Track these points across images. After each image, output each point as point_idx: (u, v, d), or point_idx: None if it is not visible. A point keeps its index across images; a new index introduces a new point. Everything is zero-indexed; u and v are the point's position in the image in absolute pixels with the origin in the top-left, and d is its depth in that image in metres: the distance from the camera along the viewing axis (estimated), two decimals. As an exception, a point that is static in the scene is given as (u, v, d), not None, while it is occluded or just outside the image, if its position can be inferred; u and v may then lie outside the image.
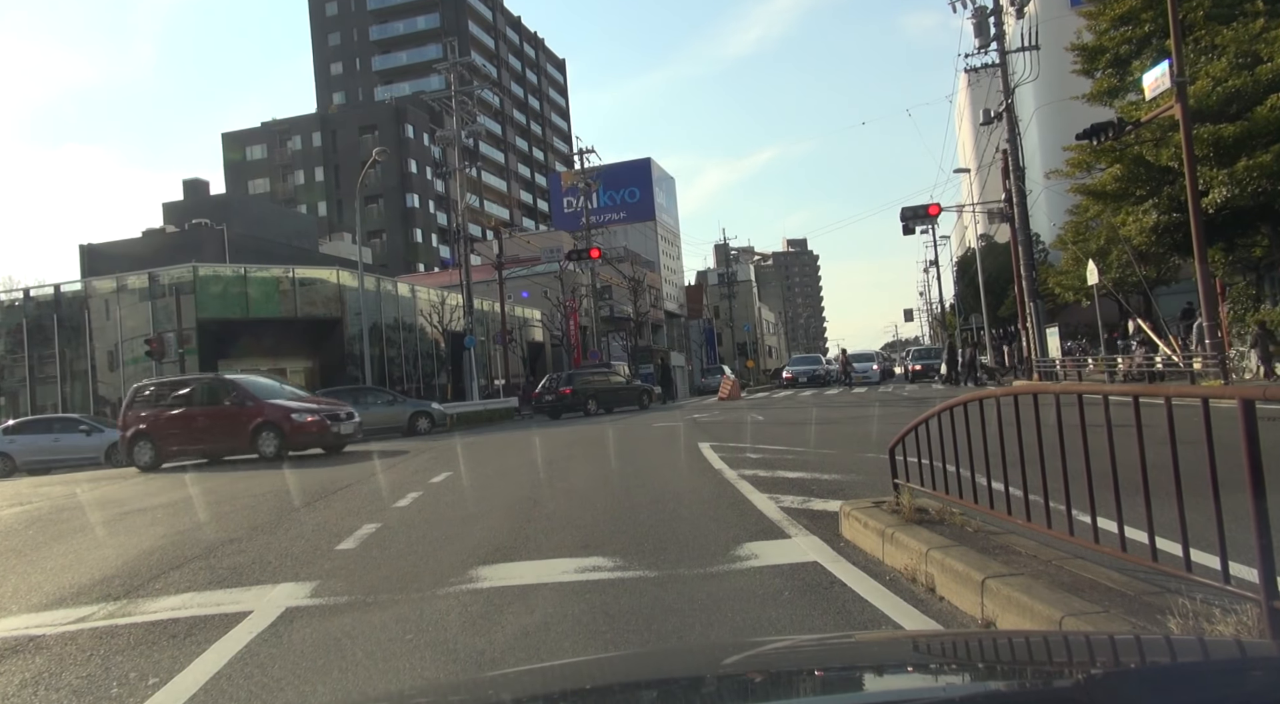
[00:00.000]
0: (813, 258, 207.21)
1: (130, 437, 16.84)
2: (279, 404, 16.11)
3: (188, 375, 20.79)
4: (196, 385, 17.36)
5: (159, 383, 18.09)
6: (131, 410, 17.17)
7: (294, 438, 15.94)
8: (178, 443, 16.59)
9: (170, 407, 16.76)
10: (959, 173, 58.82)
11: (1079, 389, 4.14)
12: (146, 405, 17.04)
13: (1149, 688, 1.29)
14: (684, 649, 3.39)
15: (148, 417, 16.79)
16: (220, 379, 17.56)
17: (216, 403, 16.40)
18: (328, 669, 3.81)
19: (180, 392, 17.09)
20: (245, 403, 16.00)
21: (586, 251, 39.58)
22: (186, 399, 16.79)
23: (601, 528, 6.70)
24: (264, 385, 17.45)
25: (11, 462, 22.75)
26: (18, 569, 6.98)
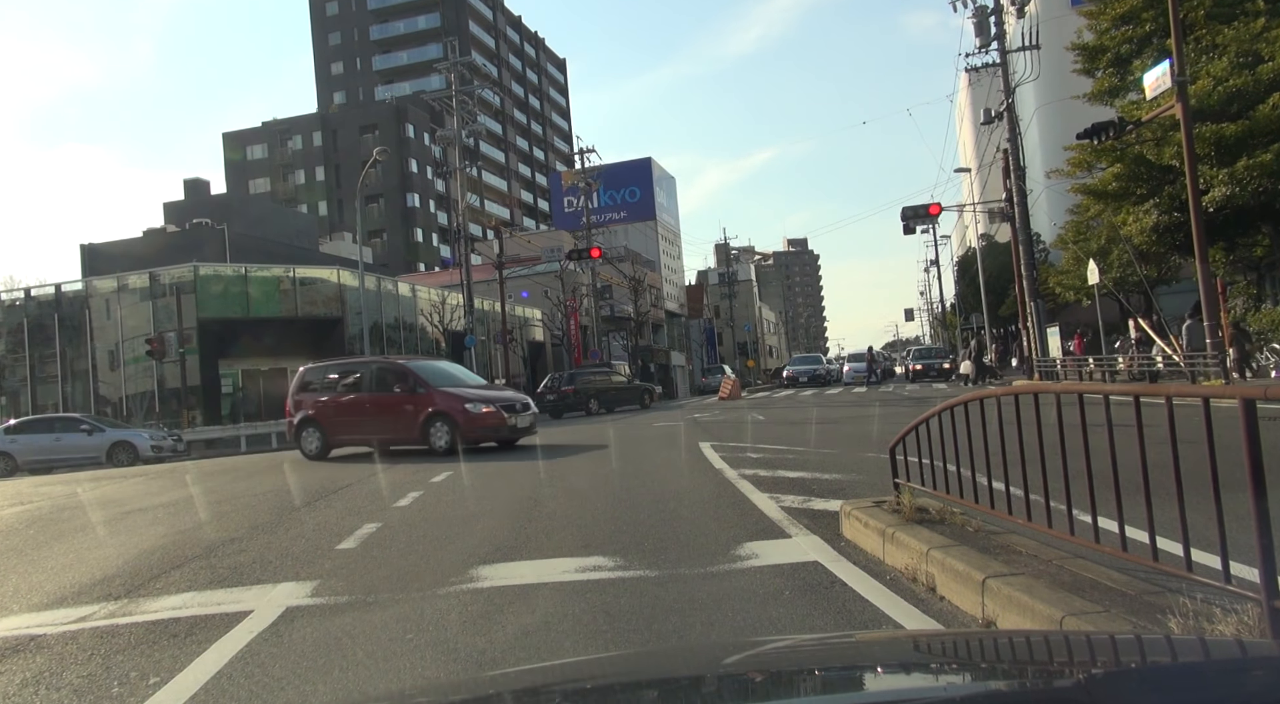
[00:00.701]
0: (813, 257, 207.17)
1: (298, 423, 15.64)
2: (452, 393, 14.60)
3: (357, 358, 18.75)
4: (365, 370, 15.78)
5: (327, 366, 16.64)
6: (299, 395, 15.90)
7: (468, 430, 14.29)
8: (346, 431, 15.27)
9: (339, 392, 15.50)
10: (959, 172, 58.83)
11: (1079, 389, 4.14)
12: (314, 390, 15.80)
13: (1150, 688, 1.29)
14: (685, 649, 3.39)
15: (315, 402, 15.54)
16: (392, 363, 16.03)
17: (386, 389, 14.93)
18: (328, 668, 3.81)
19: (350, 376, 15.73)
20: (417, 390, 14.56)
21: (587, 251, 39.59)
22: (355, 385, 15.40)
23: (602, 527, 6.70)
24: (439, 371, 15.84)
25: (13, 461, 22.78)
26: (19, 568, 6.98)
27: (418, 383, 14.73)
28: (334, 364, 16.90)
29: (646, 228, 76.31)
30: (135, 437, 23.58)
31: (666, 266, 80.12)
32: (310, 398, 15.73)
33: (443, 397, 14.50)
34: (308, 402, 15.71)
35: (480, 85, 46.81)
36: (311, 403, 15.65)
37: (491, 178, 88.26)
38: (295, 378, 16.44)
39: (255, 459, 19.87)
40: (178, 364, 29.18)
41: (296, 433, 15.75)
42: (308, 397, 15.76)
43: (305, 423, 15.58)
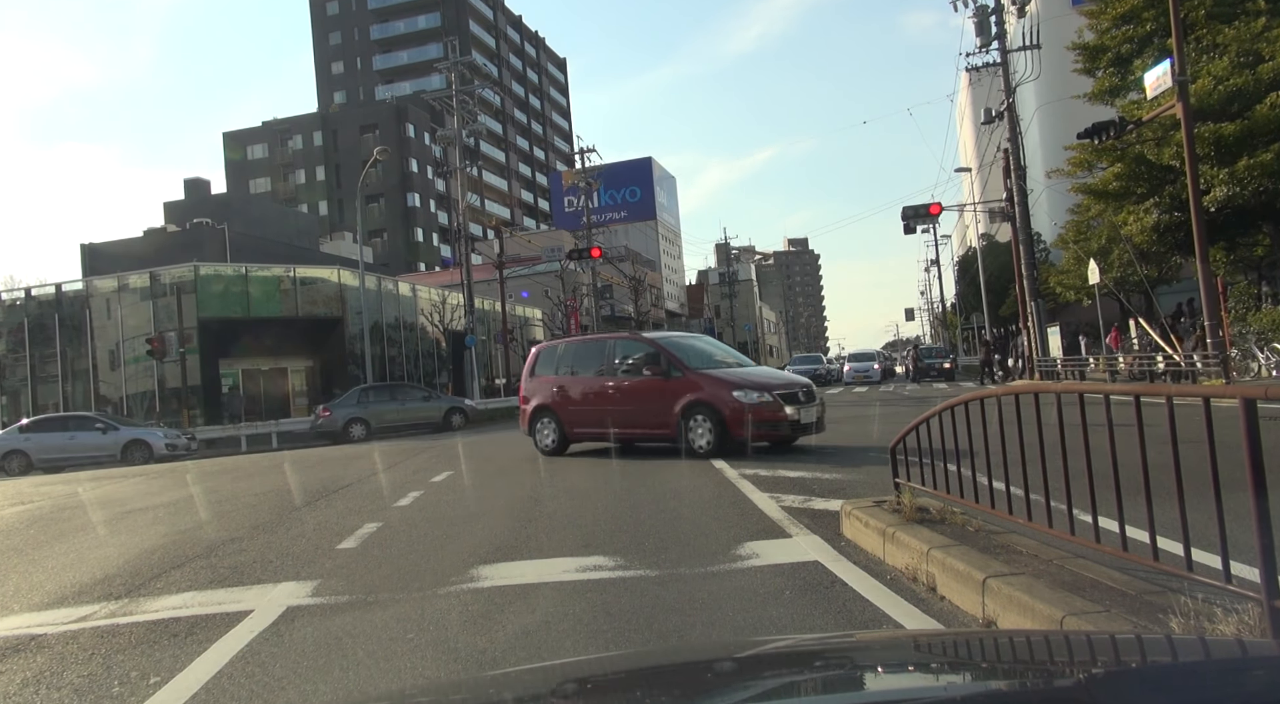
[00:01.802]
0: (814, 257, 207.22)
1: (531, 412, 13.32)
2: (715, 377, 11.61)
3: (600, 334, 14.34)
4: (609, 348, 13.06)
5: (565, 343, 14.21)
6: (532, 379, 13.59)
7: (736, 425, 11.03)
8: (586, 422, 12.79)
9: (579, 375, 13.06)
10: (960, 172, 58.82)
11: (1080, 388, 4.14)
12: (549, 373, 13.43)
13: (1150, 687, 1.29)
14: (685, 648, 3.39)
15: (551, 387, 13.18)
16: (639, 339, 13.10)
17: (635, 372, 12.34)
18: (329, 668, 3.82)
19: (591, 356, 13.22)
20: (671, 373, 11.74)
21: (587, 251, 39.57)
22: (598, 367, 12.84)
23: (602, 527, 6.70)
24: (696, 349, 12.93)
25: (27, 459, 22.77)
26: (19, 568, 6.99)
27: (672, 364, 11.83)
28: (572, 342, 14.22)
29: (647, 227, 76.37)
30: (150, 435, 23.61)
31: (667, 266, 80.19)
32: (545, 383, 13.31)
33: (704, 382, 11.51)
34: (542, 387, 13.31)
35: (480, 85, 46.82)
36: (547, 388, 13.23)
37: (492, 177, 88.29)
38: (529, 358, 14.12)
39: (256, 459, 19.89)
40: (178, 364, 29.19)
41: (530, 424, 13.42)
42: (542, 381, 13.39)
43: (540, 413, 13.22)
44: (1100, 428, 3.66)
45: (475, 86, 39.47)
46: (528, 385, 13.67)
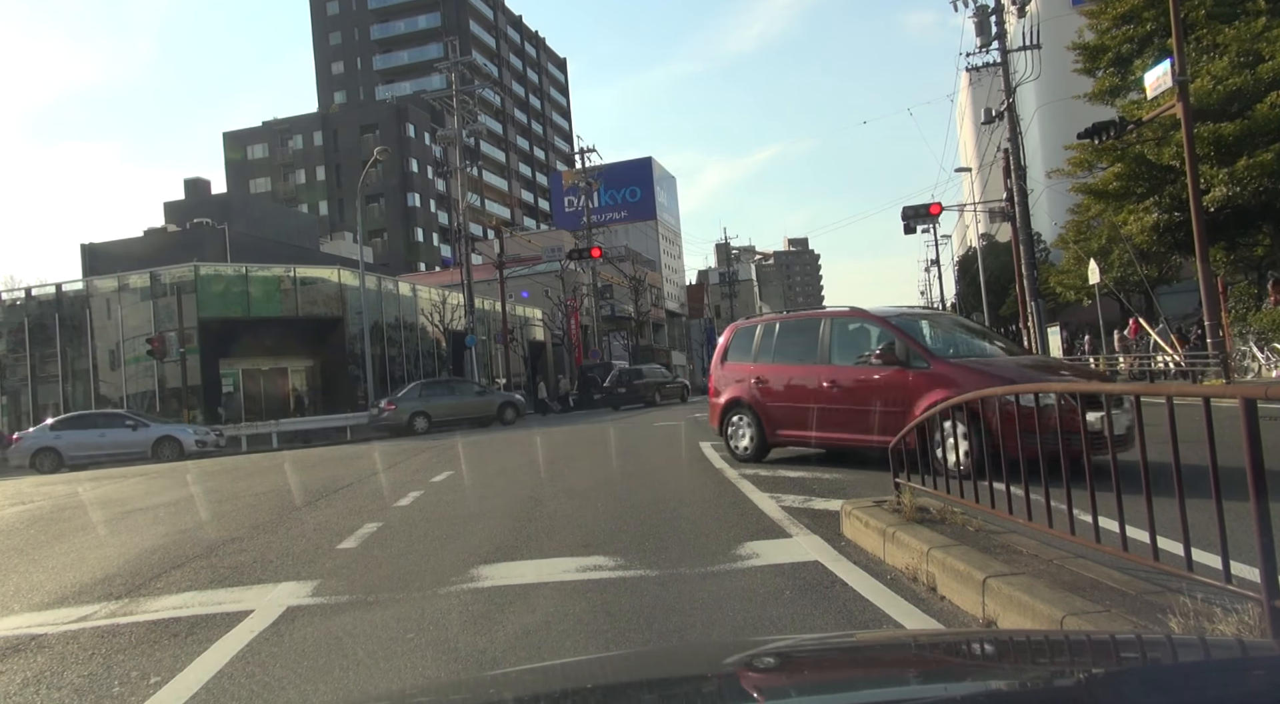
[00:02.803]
0: (814, 257, 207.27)
1: (724, 406, 10.65)
2: (974, 368, 8.39)
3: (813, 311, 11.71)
4: (826, 329, 9.79)
5: (770, 322, 10.91)
6: (724, 367, 10.96)
7: (1011, 435, 6.56)
8: (794, 423, 9.75)
9: (786, 362, 10.13)
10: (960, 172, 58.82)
11: (1080, 388, 4.14)
12: (746, 359, 10.63)
13: (1150, 687, 1.29)
14: (685, 648, 3.39)
15: (749, 376, 10.38)
16: (866, 317, 9.73)
17: (860, 361, 9.30)
18: (329, 668, 3.82)
19: (802, 340, 10.19)
20: (912, 362, 8.58)
21: (587, 251, 39.60)
22: (810, 352, 9.82)
23: (603, 527, 6.70)
24: (942, 330, 10.08)
25: (59, 456, 22.76)
26: (20, 568, 6.99)
27: (912, 350, 8.70)
28: (774, 321, 10.98)
29: (647, 227, 76.37)
30: (180, 431, 23.78)
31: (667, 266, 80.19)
32: (740, 372, 10.59)
33: (958, 375, 8.33)
34: (736, 377, 10.60)
35: (481, 85, 46.82)
36: (742, 379, 10.50)
37: (492, 177, 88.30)
38: (721, 340, 11.47)
39: (257, 459, 19.89)
40: (178, 364, 29.19)
41: (720, 421, 10.74)
42: (736, 370, 10.69)
43: (734, 409, 10.52)
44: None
45: (475, 86, 39.49)
46: (718, 375, 11.08)
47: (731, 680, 1.58)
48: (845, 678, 1.57)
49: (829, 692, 1.51)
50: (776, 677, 1.58)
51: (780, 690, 1.52)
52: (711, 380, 11.29)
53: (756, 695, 1.49)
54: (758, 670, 1.61)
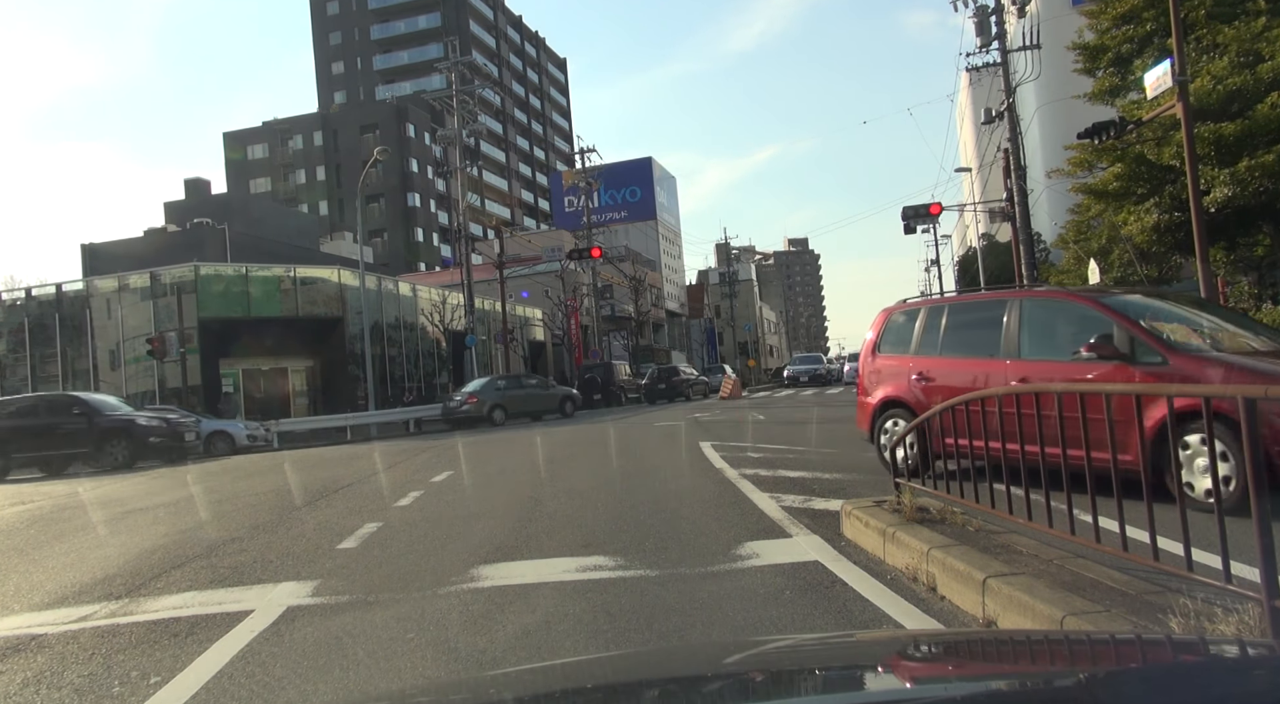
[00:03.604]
0: (814, 257, 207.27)
1: (876, 406, 8.65)
2: (1236, 365, 6.32)
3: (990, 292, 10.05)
4: (1008, 312, 7.56)
5: (931, 308, 8.76)
6: (878, 358, 8.96)
7: None
8: (970, 431, 5.72)
9: (956, 352, 8.08)
10: (960, 172, 58.80)
11: (1079, 388, 4.14)
12: (907, 349, 8.58)
13: (1150, 687, 1.29)
14: (685, 648, 3.39)
15: (910, 375, 8.36)
16: (1074, 299, 7.68)
17: (1055, 351, 7.26)
18: (329, 668, 3.82)
19: (977, 325, 8.14)
20: (1141, 358, 6.53)
21: (587, 251, 39.60)
22: (988, 341, 7.66)
23: (603, 527, 6.71)
24: (1169, 312, 7.40)
25: None
26: (20, 568, 6.99)
27: (1140, 341, 6.59)
28: (943, 304, 9.01)
29: (647, 227, 76.37)
30: (232, 426, 24.29)
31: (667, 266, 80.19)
32: (896, 367, 8.59)
33: (1209, 370, 6.33)
34: (892, 373, 8.64)
35: (481, 85, 46.84)
36: (899, 375, 8.50)
37: (492, 177, 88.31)
38: (873, 329, 9.30)
39: (257, 459, 19.89)
40: (178, 364, 29.18)
41: (872, 425, 8.73)
42: (891, 364, 8.71)
43: (889, 410, 8.52)
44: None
45: (475, 86, 39.49)
46: (869, 369, 9.07)
47: (731, 680, 1.58)
48: (845, 678, 1.57)
49: (829, 692, 1.51)
50: (776, 677, 1.58)
51: (780, 690, 1.52)
52: (861, 377, 9.33)
53: (756, 695, 1.49)
54: (758, 670, 1.61)
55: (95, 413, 19.05)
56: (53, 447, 18.86)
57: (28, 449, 18.93)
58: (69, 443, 18.82)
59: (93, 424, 18.76)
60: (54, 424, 18.93)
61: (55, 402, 20.22)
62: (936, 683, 1.49)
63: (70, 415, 19.02)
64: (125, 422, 19.21)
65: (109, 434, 18.75)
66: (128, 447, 18.77)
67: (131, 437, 18.86)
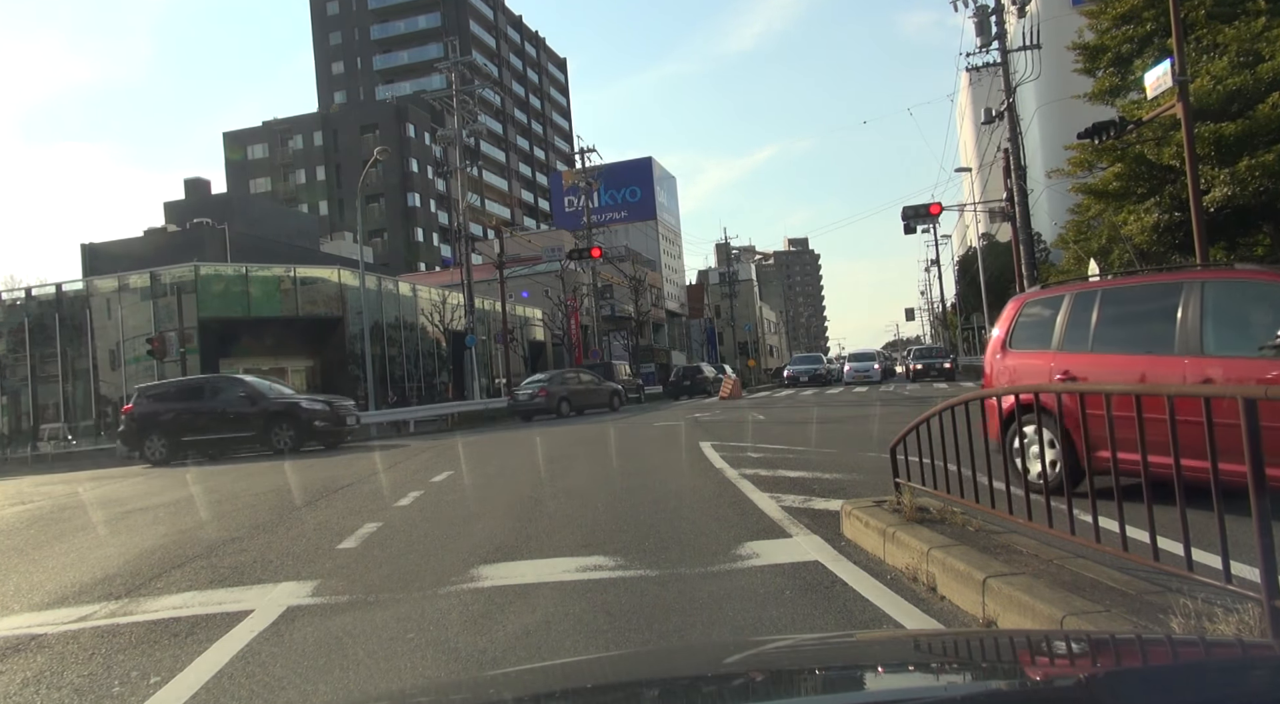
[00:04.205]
0: (814, 257, 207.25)
1: (1009, 412, 7.05)
2: None
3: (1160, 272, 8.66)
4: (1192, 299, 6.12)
5: (1079, 293, 7.27)
6: (1012, 354, 7.66)
7: None
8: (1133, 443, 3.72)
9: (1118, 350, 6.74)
10: (960, 172, 58.83)
11: (1080, 388, 4.14)
12: (1049, 344, 7.22)
13: (1150, 687, 1.29)
14: (685, 648, 3.39)
15: (1055, 374, 6.96)
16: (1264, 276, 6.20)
17: (1248, 347, 5.88)
18: (329, 668, 3.82)
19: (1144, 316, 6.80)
20: None
21: (587, 251, 39.58)
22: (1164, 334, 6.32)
23: (603, 527, 6.70)
24: None
25: None
26: (20, 568, 6.99)
27: None
28: (1101, 287, 7.39)
29: (647, 227, 76.34)
30: None
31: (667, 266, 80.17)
32: (1037, 363, 7.21)
33: None
34: (1032, 371, 7.25)
35: (481, 85, 46.81)
36: (1042, 373, 7.05)
37: (492, 177, 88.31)
38: (1003, 318, 8.06)
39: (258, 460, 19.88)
40: (178, 364, 29.18)
41: (1005, 432, 7.06)
42: (1031, 360, 7.35)
43: (1025, 415, 6.78)
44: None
45: (475, 86, 39.47)
46: (999, 367, 7.73)
47: (731, 680, 1.58)
48: (845, 678, 1.57)
49: (829, 692, 1.51)
50: (776, 677, 1.58)
51: (780, 690, 1.52)
52: (988, 376, 7.95)
53: (757, 695, 1.49)
54: (758, 670, 1.61)
55: (259, 396, 18.46)
56: (220, 430, 18.25)
57: (196, 432, 18.35)
58: (236, 426, 18.21)
59: (259, 407, 18.21)
60: (221, 407, 18.38)
61: (220, 384, 19.57)
62: (936, 683, 1.49)
63: (236, 398, 18.42)
64: (290, 405, 18.60)
65: (275, 418, 18.13)
66: (293, 431, 18.11)
67: (297, 420, 18.19)
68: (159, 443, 18.60)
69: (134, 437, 19.06)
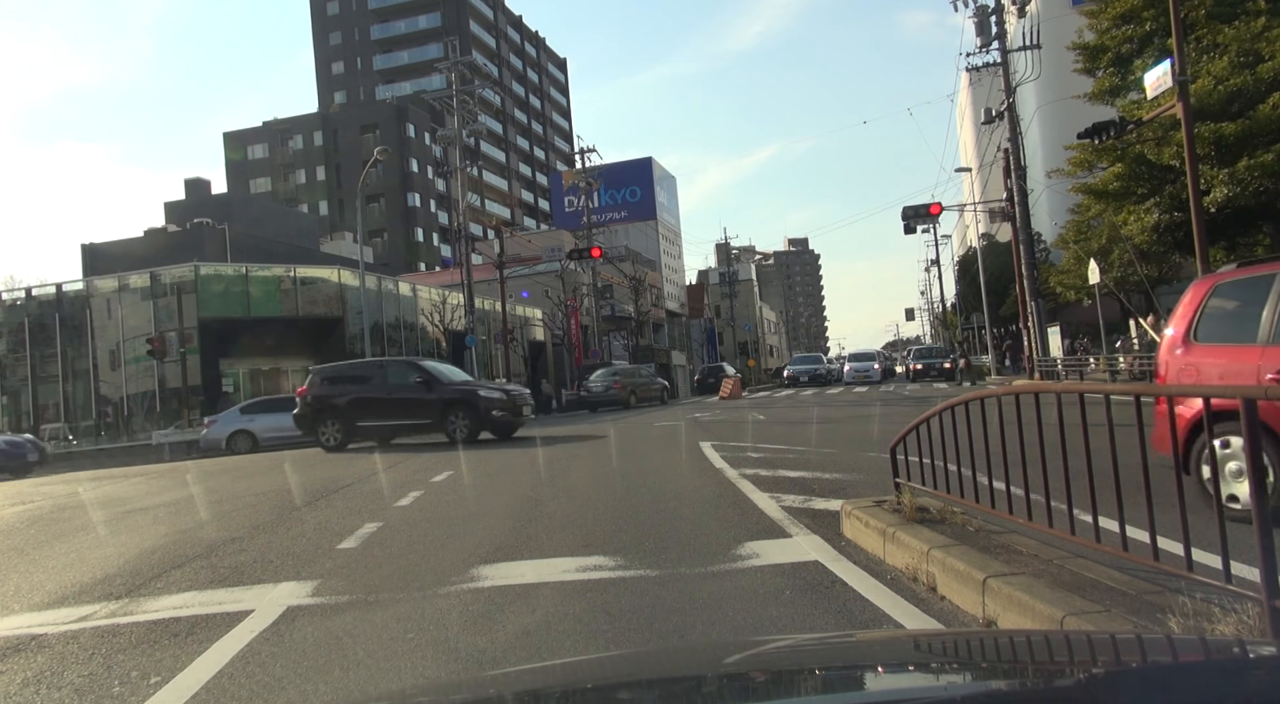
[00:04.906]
0: (814, 257, 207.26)
1: (1197, 419, 5.04)
2: None
3: None
4: None
5: None
6: (1201, 348, 6.31)
7: None
8: None
9: None
10: (960, 172, 58.80)
11: (1080, 388, 4.14)
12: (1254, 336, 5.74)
13: (1150, 687, 1.29)
14: (685, 648, 3.39)
15: (1269, 371, 5.45)
16: None
17: None
18: (329, 668, 3.82)
19: None
20: None
21: (587, 251, 39.59)
22: None
23: (603, 527, 6.70)
24: None
25: (253, 439, 23.33)
26: (20, 568, 6.99)
27: None
28: None
29: (647, 227, 76.35)
30: None
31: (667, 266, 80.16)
32: (1236, 359, 5.92)
33: None
34: (1228, 368, 5.96)
35: (481, 85, 46.81)
36: (1244, 372, 5.70)
37: (492, 177, 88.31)
38: (1184, 305, 6.63)
39: (257, 459, 19.88)
40: (179, 364, 29.21)
41: (1186, 444, 5.47)
42: (1226, 355, 6.07)
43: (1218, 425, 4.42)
44: (1100, 427, 3.66)
45: (475, 86, 39.47)
46: (1178, 364, 6.40)
47: (731, 680, 1.58)
48: (845, 678, 1.57)
49: (829, 692, 1.51)
50: (776, 677, 1.58)
51: (780, 690, 1.52)
52: (1162, 374, 6.58)
53: (757, 695, 1.49)
54: (758, 670, 1.61)
55: (436, 381, 17.20)
56: (395, 416, 17.21)
57: (370, 417, 17.32)
58: (411, 412, 17.07)
59: (435, 394, 16.95)
60: (396, 392, 17.25)
61: (396, 367, 18.49)
62: (936, 683, 1.49)
63: (412, 383, 17.27)
64: (468, 392, 17.24)
65: (452, 405, 16.81)
66: (470, 419, 16.80)
67: (475, 409, 16.85)
68: (333, 427, 17.60)
69: (309, 420, 17.99)
